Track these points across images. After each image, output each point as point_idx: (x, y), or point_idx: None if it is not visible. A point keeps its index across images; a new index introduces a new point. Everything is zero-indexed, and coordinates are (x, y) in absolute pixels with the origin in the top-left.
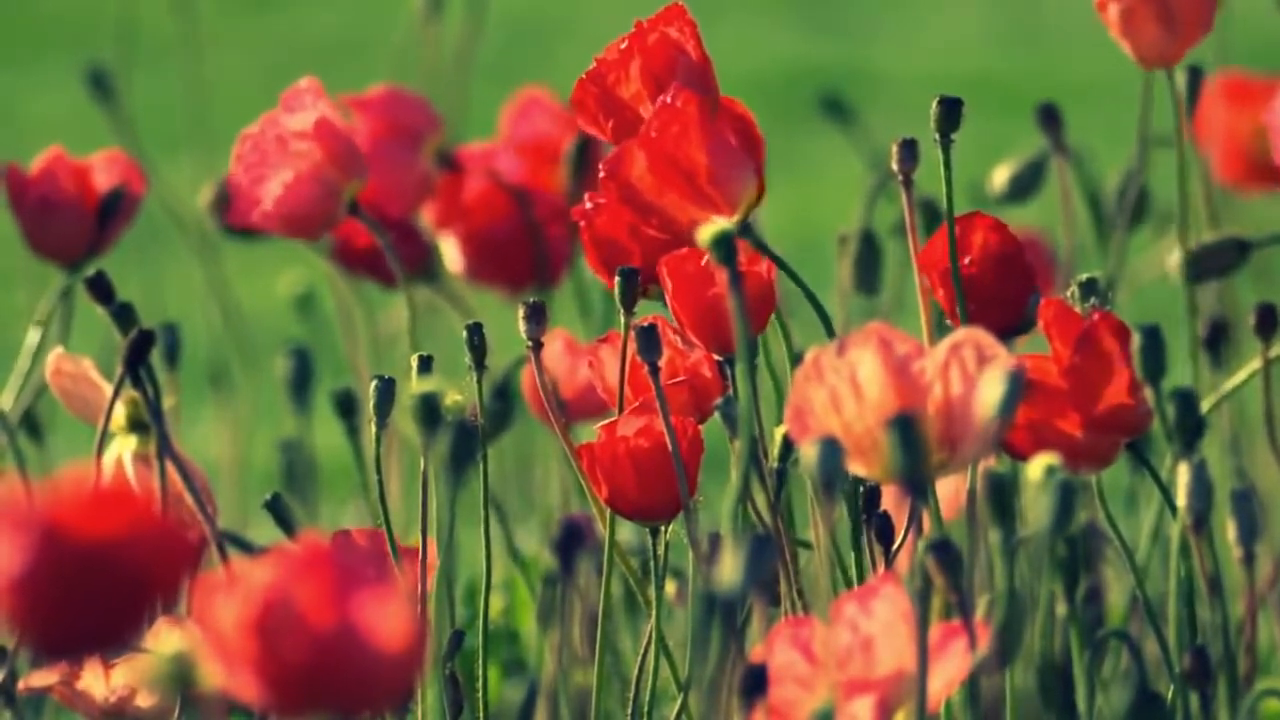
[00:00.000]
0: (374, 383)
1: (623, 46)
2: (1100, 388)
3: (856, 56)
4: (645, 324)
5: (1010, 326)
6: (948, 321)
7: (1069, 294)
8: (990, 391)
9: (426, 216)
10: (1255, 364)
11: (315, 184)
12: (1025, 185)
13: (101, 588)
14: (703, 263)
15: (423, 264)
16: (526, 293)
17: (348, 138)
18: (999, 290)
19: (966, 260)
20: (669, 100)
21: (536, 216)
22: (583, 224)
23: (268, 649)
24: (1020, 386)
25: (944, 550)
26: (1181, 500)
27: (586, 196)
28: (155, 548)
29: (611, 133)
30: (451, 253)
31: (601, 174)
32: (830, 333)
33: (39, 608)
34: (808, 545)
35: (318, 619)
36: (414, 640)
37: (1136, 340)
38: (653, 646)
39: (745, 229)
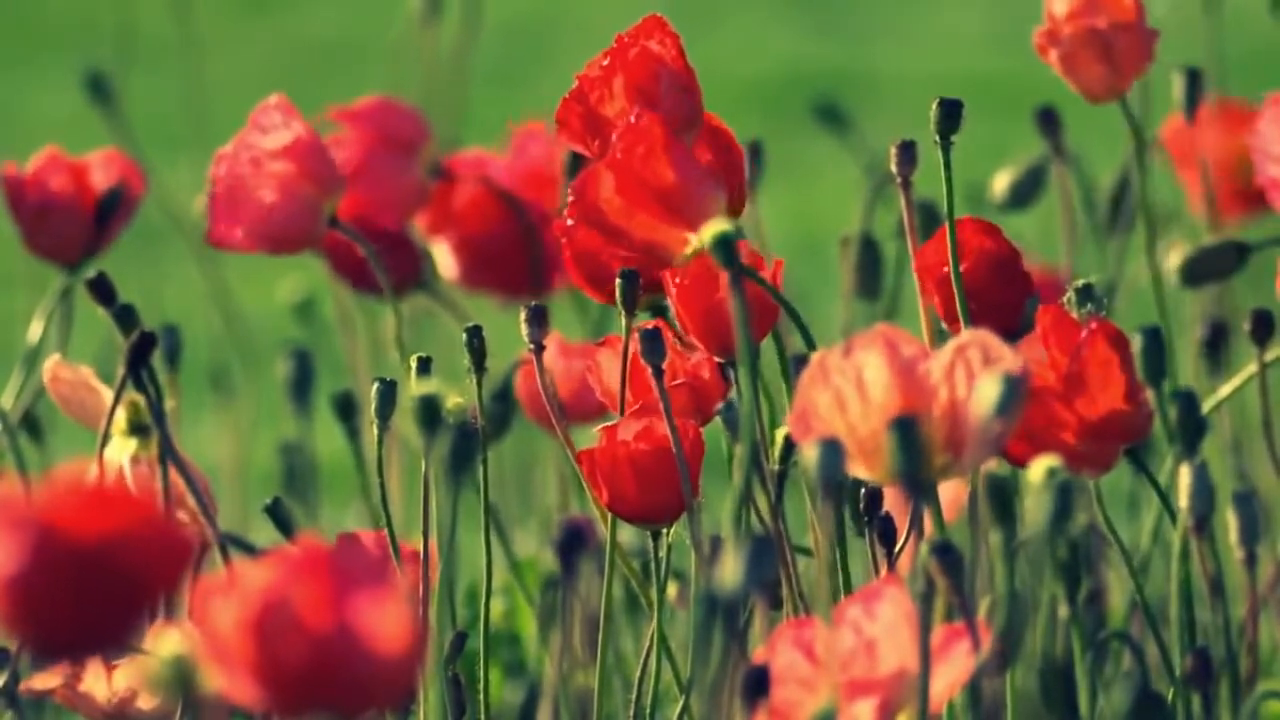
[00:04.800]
0: (375, 385)
1: (604, 63)
2: (1098, 395)
3: (857, 58)
4: (648, 327)
5: (1008, 331)
6: (945, 327)
7: (1065, 299)
8: (988, 392)
9: (418, 224)
10: (1252, 368)
11: (294, 202)
12: (1025, 192)
13: (98, 587)
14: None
15: (416, 273)
16: (521, 298)
17: (324, 153)
18: (995, 295)
19: (961, 266)
20: (634, 120)
21: (530, 221)
22: (564, 240)
23: (266, 651)
24: (1021, 388)
25: (946, 552)
26: (1183, 502)
27: (566, 212)
28: (152, 547)
29: (597, 151)
30: (445, 260)
31: (569, 198)
32: (809, 344)
33: (35, 607)
34: (807, 552)
35: (316, 621)
36: (413, 642)
37: (1138, 343)
38: (654, 648)
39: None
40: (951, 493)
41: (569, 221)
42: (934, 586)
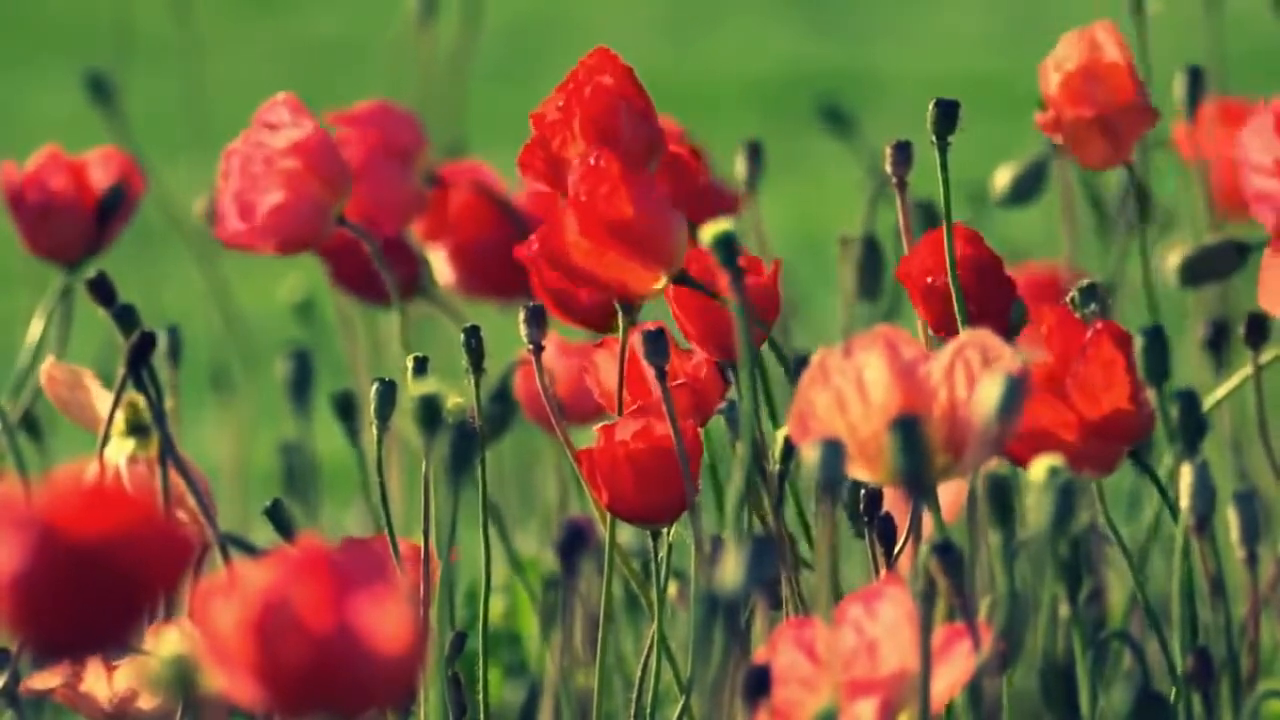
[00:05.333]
0: (374, 385)
1: (560, 104)
2: (1102, 395)
3: (858, 58)
4: (651, 328)
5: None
6: (931, 332)
7: (1069, 299)
8: (989, 393)
9: (414, 230)
10: (1247, 369)
11: (304, 201)
12: (1026, 189)
13: (98, 587)
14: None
15: (415, 279)
16: (518, 302)
17: (333, 151)
18: (980, 301)
19: (944, 274)
20: (593, 162)
21: (525, 226)
22: (532, 270)
23: (267, 651)
24: (1022, 389)
25: (947, 552)
26: (1184, 501)
27: (530, 246)
28: (152, 547)
29: (564, 190)
30: (441, 266)
31: (533, 248)
32: (784, 363)
33: (36, 607)
34: (808, 565)
35: (316, 621)
36: (413, 642)
37: (1139, 343)
38: (655, 648)
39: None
40: (951, 493)
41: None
42: (935, 586)
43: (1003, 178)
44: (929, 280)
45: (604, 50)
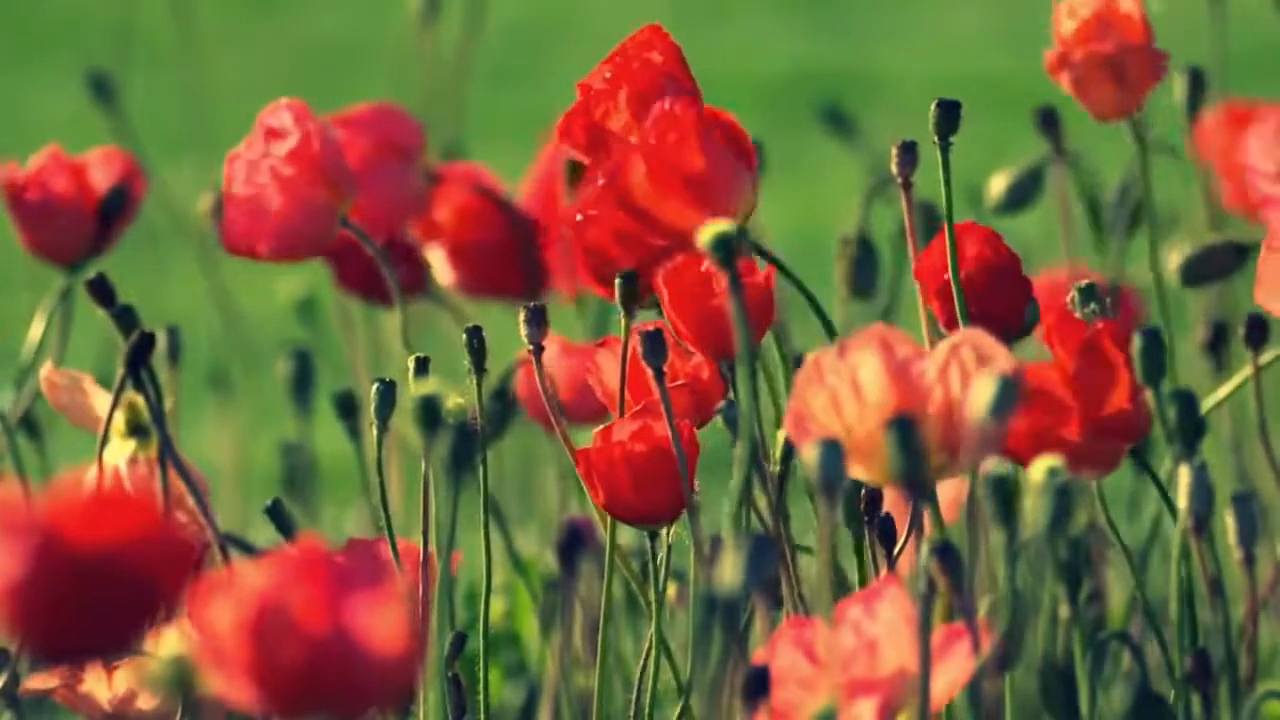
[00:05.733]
0: (375, 386)
1: (607, 75)
2: (1103, 394)
3: (860, 59)
4: (650, 328)
5: (1009, 336)
6: (944, 332)
7: (1068, 300)
8: (982, 393)
9: (413, 231)
10: (1247, 371)
11: (309, 209)
12: (1023, 194)
13: (102, 593)
14: (703, 268)
15: (419, 280)
16: (518, 301)
17: (337, 156)
18: (995, 301)
19: (961, 272)
20: (666, 108)
21: (525, 225)
22: (573, 235)
23: (263, 653)
24: (1015, 388)
25: (947, 552)
26: (1182, 502)
27: (577, 209)
28: (156, 552)
29: (599, 163)
30: (440, 266)
31: (600, 182)
32: (832, 337)
33: (39, 613)
34: (808, 550)
35: (313, 622)
36: (410, 643)
37: (1136, 344)
38: (654, 649)
39: (743, 234)
40: (952, 493)
41: (578, 217)
42: (934, 587)
43: (998, 184)
44: (946, 276)
45: (655, 28)
